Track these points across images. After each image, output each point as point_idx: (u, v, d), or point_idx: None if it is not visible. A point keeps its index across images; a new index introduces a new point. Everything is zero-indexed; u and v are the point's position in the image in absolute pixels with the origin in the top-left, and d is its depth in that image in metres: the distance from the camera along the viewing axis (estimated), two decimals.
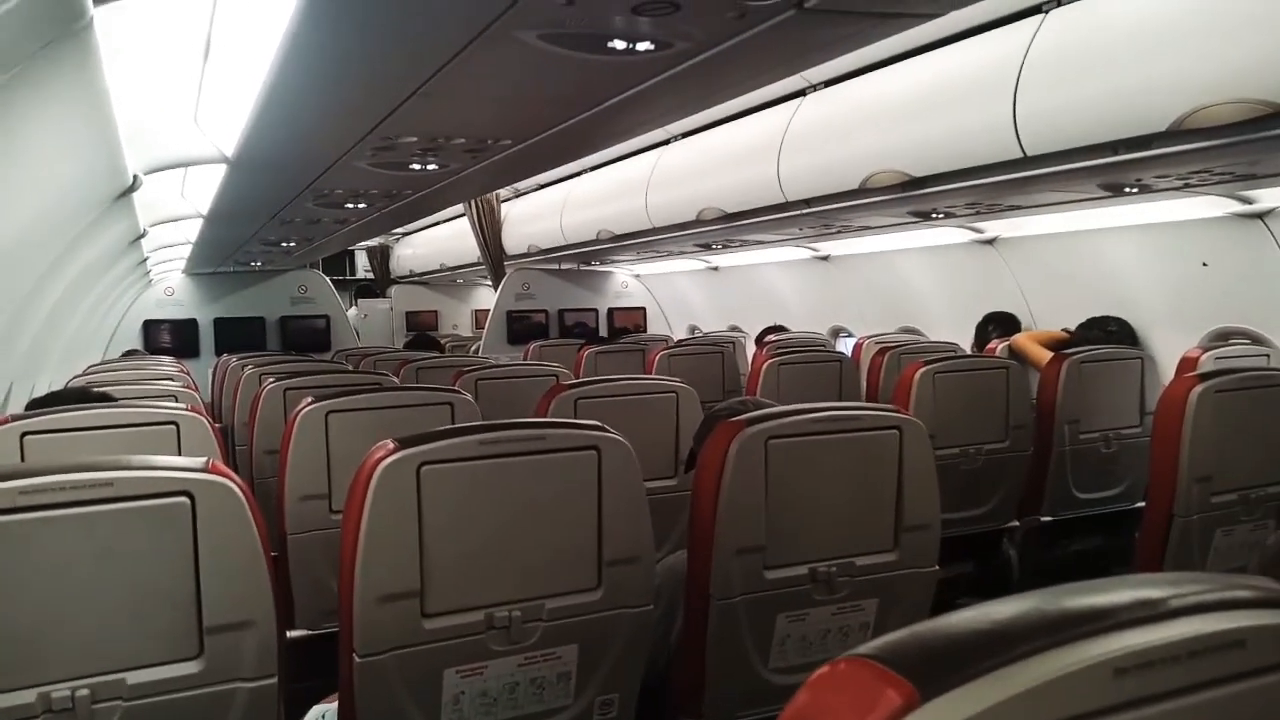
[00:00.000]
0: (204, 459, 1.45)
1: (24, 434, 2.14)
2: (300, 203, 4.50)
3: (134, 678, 1.35)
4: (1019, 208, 4.25)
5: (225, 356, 5.64)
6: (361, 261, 13.22)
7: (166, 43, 2.49)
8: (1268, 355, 3.73)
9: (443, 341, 8.07)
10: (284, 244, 6.54)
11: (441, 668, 1.57)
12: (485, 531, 1.59)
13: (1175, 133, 2.51)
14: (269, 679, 1.45)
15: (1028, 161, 2.98)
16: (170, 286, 8.65)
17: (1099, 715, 0.55)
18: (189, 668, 1.39)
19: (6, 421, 2.17)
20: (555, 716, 1.68)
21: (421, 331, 9.40)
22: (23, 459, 2.10)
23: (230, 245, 6.70)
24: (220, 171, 3.81)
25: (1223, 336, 3.98)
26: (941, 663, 0.55)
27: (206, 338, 8.61)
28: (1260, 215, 3.67)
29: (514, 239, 7.88)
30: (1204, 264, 3.99)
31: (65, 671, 1.31)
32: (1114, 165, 2.83)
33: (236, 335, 8.35)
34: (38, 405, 2.46)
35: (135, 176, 3.33)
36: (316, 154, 3.35)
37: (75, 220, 3.31)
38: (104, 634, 1.34)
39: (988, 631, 0.57)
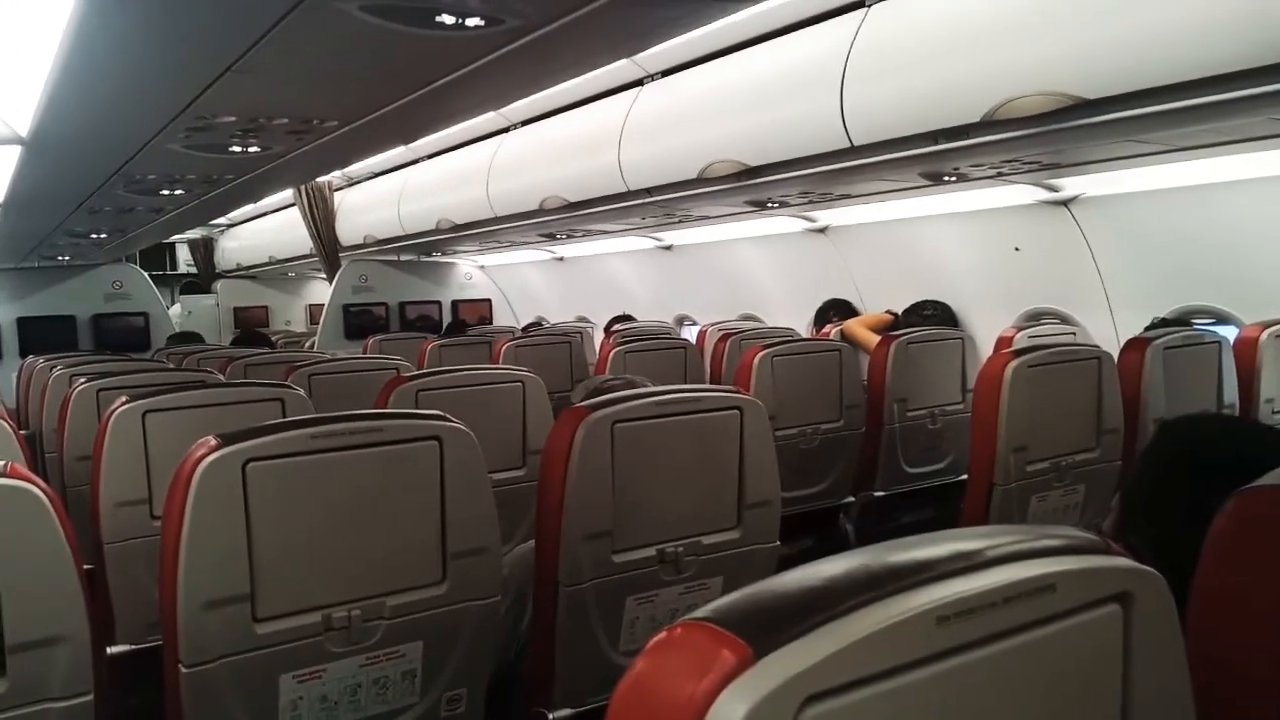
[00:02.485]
0: (1, 462, 1.33)
1: None
2: (109, 189, 4.20)
3: None
4: (849, 197, 4.42)
5: (31, 359, 5.21)
6: (184, 255, 12.49)
7: None
8: (1074, 333, 4.02)
9: (275, 338, 7.70)
10: (94, 235, 6.10)
11: (277, 673, 1.50)
12: (320, 529, 1.52)
13: (988, 123, 2.67)
14: (83, 697, 1.35)
15: (855, 151, 3.11)
16: None
17: (925, 663, 0.57)
18: None
19: None
20: (401, 716, 1.63)
21: (249, 327, 8.94)
22: None
23: (32, 238, 6.20)
24: (14, 154, 3.50)
25: (1035, 317, 4.27)
26: (773, 621, 0.56)
27: (9, 339, 7.95)
28: (1065, 202, 3.95)
29: (349, 229, 7.62)
30: (1016, 249, 4.27)
31: None
32: (933, 154, 2.99)
33: (44, 336, 7.73)
34: None
35: None
36: (124, 135, 3.12)
37: None
38: None
39: (817, 589, 0.58)
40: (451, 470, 1.62)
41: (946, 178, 3.69)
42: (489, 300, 8.69)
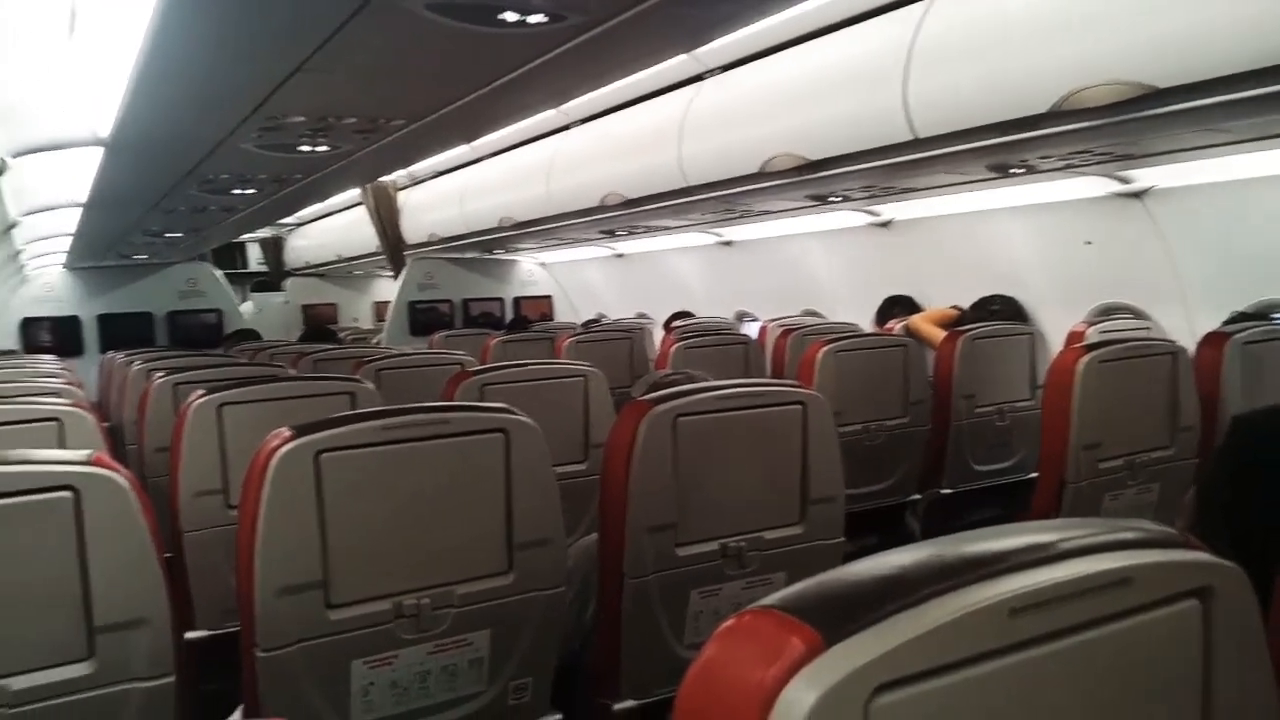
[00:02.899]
0: (88, 452, 1.38)
1: None
2: (184, 189, 4.33)
3: (19, 683, 1.28)
4: (913, 190, 4.36)
5: (111, 354, 5.40)
6: (254, 254, 12.77)
7: (26, 15, 2.35)
8: (1148, 328, 3.92)
9: (342, 335, 7.86)
10: (169, 234, 6.30)
11: (349, 659, 1.54)
12: (390, 518, 1.56)
13: (1056, 114, 2.61)
14: (165, 679, 1.40)
15: (919, 143, 3.06)
16: (49, 282, 8.26)
17: (997, 655, 0.57)
18: (79, 670, 1.34)
19: None
20: (469, 703, 1.66)
21: (317, 324, 9.12)
22: None
23: (112, 236, 6.42)
24: (97, 155, 3.63)
25: (1107, 312, 4.17)
26: (844, 609, 0.56)
27: (91, 335, 8.25)
28: (1138, 194, 3.85)
29: (413, 227, 7.74)
30: (1087, 242, 4.17)
31: None
32: (1000, 146, 2.94)
33: (122, 332, 8.01)
34: None
35: (1, 160, 3.14)
36: (198, 135, 3.22)
37: None
38: None
39: (888, 578, 0.58)
40: (517, 462, 1.64)
41: (1014, 170, 3.62)
42: (550, 297, 8.76)
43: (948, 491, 3.19)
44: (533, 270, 8.73)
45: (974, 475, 3.24)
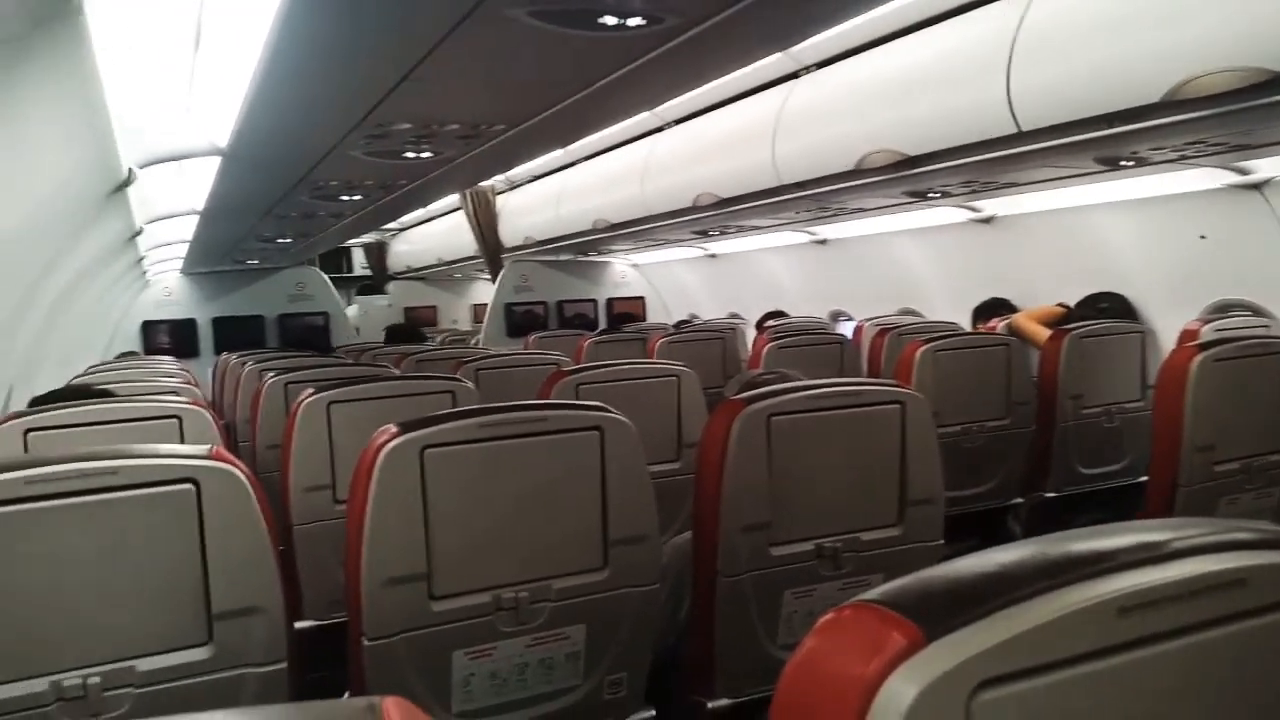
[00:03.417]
0: (208, 446, 1.46)
1: (27, 430, 2.14)
2: (295, 195, 4.50)
3: (144, 665, 1.36)
4: (1016, 185, 4.24)
5: (225, 355, 5.66)
6: (359, 258, 13.21)
7: (156, 32, 2.48)
8: (1268, 326, 3.72)
9: (440, 336, 8.05)
10: (280, 240, 6.55)
11: (450, 649, 1.58)
12: (491, 513, 1.60)
13: (1169, 103, 2.51)
14: (279, 664, 1.45)
15: (1023, 137, 2.98)
16: (168, 287, 8.68)
17: (1104, 654, 0.56)
18: (198, 654, 1.40)
19: (10, 419, 2.17)
20: (565, 696, 1.68)
21: (399, 324, 9.32)
22: None
23: (227, 242, 6.71)
24: (214, 165, 3.81)
25: (1222, 309, 3.97)
26: (946, 605, 0.55)
27: (206, 337, 8.64)
28: (1257, 186, 3.66)
29: (510, 231, 7.88)
30: (1201, 237, 3.99)
31: (76, 660, 1.32)
32: (1109, 138, 2.83)
33: (236, 334, 8.38)
34: (39, 404, 2.47)
35: (130, 170, 3.32)
36: (310, 144, 3.35)
37: (71, 215, 3.30)
38: (113, 622, 1.35)
39: (991, 575, 0.58)
40: (612, 459, 1.66)
41: (1123, 163, 3.48)
42: (642, 298, 8.81)
43: (1052, 495, 3.10)
44: (625, 271, 8.79)
45: (1080, 479, 3.13)
